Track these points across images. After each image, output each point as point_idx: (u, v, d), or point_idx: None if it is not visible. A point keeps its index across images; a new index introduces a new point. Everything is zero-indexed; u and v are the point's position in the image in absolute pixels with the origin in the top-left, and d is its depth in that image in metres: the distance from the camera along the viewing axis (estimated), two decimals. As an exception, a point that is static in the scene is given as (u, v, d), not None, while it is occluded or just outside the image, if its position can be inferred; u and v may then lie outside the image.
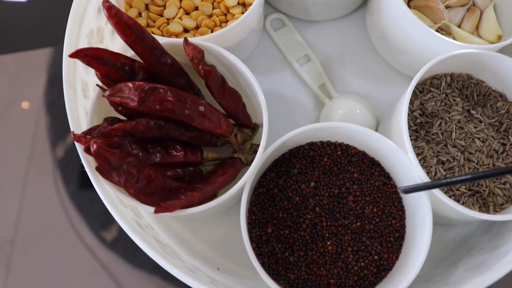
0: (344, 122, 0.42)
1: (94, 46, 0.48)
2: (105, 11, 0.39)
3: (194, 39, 0.43)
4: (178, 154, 0.42)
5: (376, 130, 0.50)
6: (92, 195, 0.57)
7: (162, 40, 0.42)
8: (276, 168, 0.44)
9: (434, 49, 0.46)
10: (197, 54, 0.41)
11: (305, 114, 0.51)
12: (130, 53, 0.42)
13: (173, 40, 0.43)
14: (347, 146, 0.45)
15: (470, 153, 0.45)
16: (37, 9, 0.64)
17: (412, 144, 0.44)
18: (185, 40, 0.42)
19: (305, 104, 0.51)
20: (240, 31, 0.46)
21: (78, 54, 0.39)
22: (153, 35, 0.42)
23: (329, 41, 0.53)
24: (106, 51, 0.40)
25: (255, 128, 0.47)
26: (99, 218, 0.55)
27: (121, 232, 0.54)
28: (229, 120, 0.44)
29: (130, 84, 0.40)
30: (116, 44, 0.51)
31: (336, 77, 0.52)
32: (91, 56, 0.40)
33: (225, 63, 0.43)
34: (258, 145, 0.47)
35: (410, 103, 0.45)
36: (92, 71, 0.47)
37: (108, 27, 0.50)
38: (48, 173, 0.59)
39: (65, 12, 0.46)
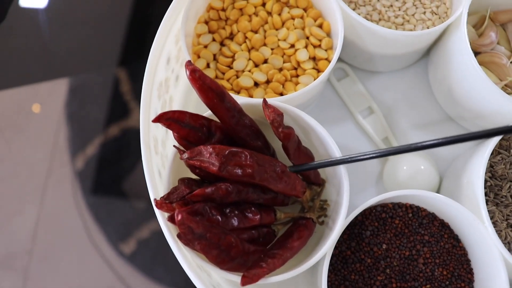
0: (415, 190, 0.42)
1: (162, 97, 0.47)
2: (188, 74, 0.39)
3: (272, 100, 0.42)
4: (255, 217, 0.42)
5: (440, 186, 0.50)
6: (110, 207, 0.56)
7: (240, 100, 0.42)
8: (348, 230, 0.44)
9: (501, 110, 0.46)
10: (277, 117, 0.41)
11: (369, 168, 0.51)
12: (206, 112, 0.42)
13: (252, 100, 0.42)
14: (418, 208, 0.45)
15: (539, 217, 0.45)
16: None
17: (484, 209, 0.44)
18: (264, 101, 0.41)
19: (369, 157, 0.51)
20: (313, 90, 0.46)
21: (161, 119, 0.39)
22: (232, 95, 0.41)
23: (391, 92, 0.53)
24: (186, 113, 0.40)
25: (323, 184, 0.47)
26: (117, 231, 0.55)
27: (139, 246, 0.54)
28: (301, 180, 0.44)
29: (210, 148, 0.39)
30: (178, 91, 0.50)
31: (398, 129, 0.52)
32: (172, 119, 0.40)
33: (302, 124, 0.43)
34: (326, 201, 0.47)
35: (481, 166, 0.46)
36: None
37: (173, 75, 0.49)
38: (67, 184, 0.59)
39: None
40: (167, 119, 0.39)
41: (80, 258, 0.55)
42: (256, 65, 0.47)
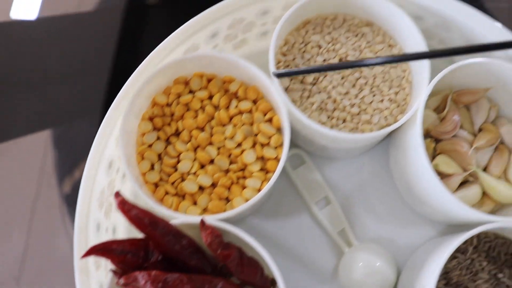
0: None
1: (105, 202, 0.45)
2: (117, 206, 0.37)
3: (212, 219, 0.41)
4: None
5: (397, 279, 0.48)
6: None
7: (177, 220, 0.41)
8: None
9: (455, 214, 0.44)
10: (215, 239, 0.40)
11: (324, 262, 0.49)
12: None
13: (190, 219, 0.41)
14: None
15: (496, 323, 0.44)
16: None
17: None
18: (202, 223, 0.40)
19: (324, 250, 0.50)
20: (266, 193, 0.44)
21: (91, 252, 0.38)
22: (170, 212, 0.41)
23: (350, 180, 0.51)
24: (116, 242, 0.39)
25: (272, 284, 0.46)
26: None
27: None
28: (247, 291, 0.43)
29: (145, 275, 0.38)
30: (127, 187, 0.49)
31: (357, 220, 0.50)
32: (103, 250, 0.39)
33: (243, 240, 0.41)
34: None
35: (435, 273, 0.44)
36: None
37: (119, 175, 0.47)
38: (55, 209, 0.58)
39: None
40: (98, 250, 0.38)
41: (69, 284, 0.55)
42: (203, 166, 0.45)
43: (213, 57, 0.45)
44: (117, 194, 0.38)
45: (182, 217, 0.41)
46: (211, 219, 0.41)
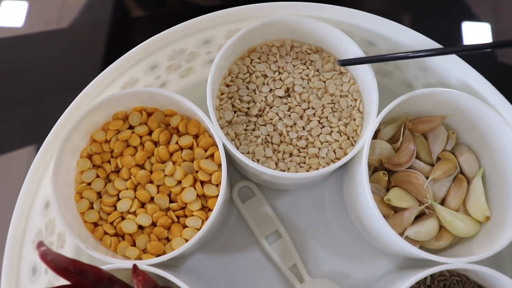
0: None
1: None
2: (40, 257, 0.36)
3: (146, 264, 0.40)
4: None
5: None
6: None
7: (109, 266, 0.39)
8: None
9: (407, 251, 0.42)
10: (147, 286, 0.38)
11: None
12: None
13: (122, 265, 0.40)
14: None
15: None
16: None
17: None
18: (134, 269, 0.39)
19: (275, 286, 0.48)
20: (205, 232, 0.42)
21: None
22: (103, 257, 0.40)
23: (303, 212, 0.50)
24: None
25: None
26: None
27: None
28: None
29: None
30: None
31: (309, 254, 0.49)
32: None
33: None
34: None
35: (383, 315, 0.42)
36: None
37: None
38: None
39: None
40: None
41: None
42: (143, 204, 0.44)
43: (150, 92, 0.44)
44: (40, 244, 0.36)
45: (115, 262, 0.40)
46: (144, 265, 0.40)
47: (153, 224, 0.44)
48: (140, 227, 0.44)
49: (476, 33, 0.64)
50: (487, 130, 0.45)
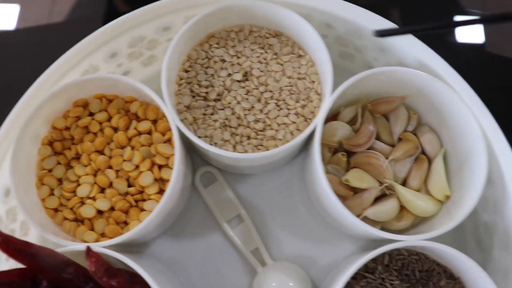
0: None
1: (5, 230, 0.45)
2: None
3: (100, 246, 0.40)
4: None
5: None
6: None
7: (64, 249, 0.40)
8: None
9: (365, 232, 0.42)
10: (100, 267, 0.39)
11: (237, 282, 0.48)
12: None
13: (76, 247, 0.40)
14: None
15: None
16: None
17: None
18: (87, 251, 0.39)
19: (238, 270, 0.49)
20: (161, 214, 0.43)
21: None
22: (59, 241, 0.41)
23: (265, 195, 0.50)
24: (2, 274, 0.39)
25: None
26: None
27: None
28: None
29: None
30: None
31: (272, 238, 0.49)
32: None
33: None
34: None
35: (341, 295, 0.42)
36: None
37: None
38: None
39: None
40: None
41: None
42: (103, 189, 0.45)
43: (108, 78, 0.44)
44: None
45: (70, 244, 0.41)
46: (98, 247, 0.40)
47: (112, 209, 0.44)
48: (100, 212, 0.45)
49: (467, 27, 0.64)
50: (445, 108, 0.45)
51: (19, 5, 0.68)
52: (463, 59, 0.62)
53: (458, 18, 0.40)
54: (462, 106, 0.43)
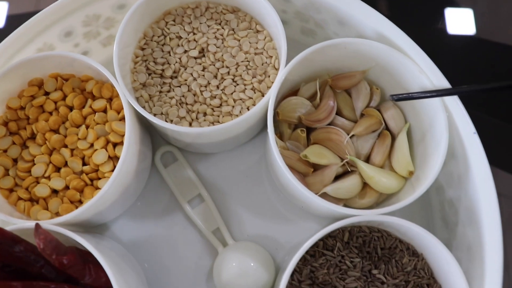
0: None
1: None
2: None
3: (50, 223, 0.40)
4: None
5: (276, 277, 0.46)
6: None
7: (13, 226, 0.40)
8: None
9: (324, 209, 0.41)
10: (48, 244, 0.38)
11: (199, 263, 0.48)
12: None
13: (25, 224, 0.40)
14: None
15: (369, 323, 0.41)
16: None
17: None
18: (36, 228, 0.39)
19: (199, 251, 0.48)
20: (114, 191, 0.42)
21: None
22: (10, 219, 0.41)
23: (226, 175, 0.50)
24: None
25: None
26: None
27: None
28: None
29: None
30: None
31: (233, 218, 0.48)
32: None
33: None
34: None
35: (298, 272, 0.42)
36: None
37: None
38: None
39: None
40: None
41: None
42: (59, 169, 0.44)
43: (63, 56, 0.44)
44: None
45: (18, 222, 0.40)
46: (47, 224, 0.40)
47: (67, 188, 0.44)
48: (55, 192, 0.44)
49: (459, 19, 0.63)
50: (406, 81, 0.44)
51: (7, 3, 0.68)
52: (455, 48, 0.61)
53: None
54: (421, 77, 0.42)
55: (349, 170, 0.46)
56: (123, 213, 0.49)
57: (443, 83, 0.42)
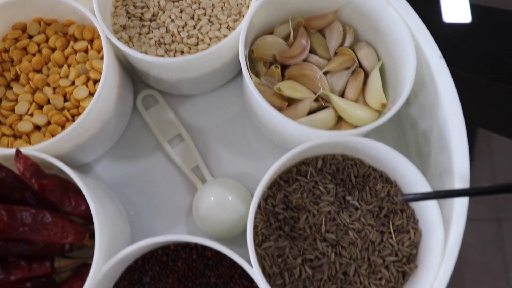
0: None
1: None
2: None
3: (29, 149, 0.41)
4: (22, 270, 0.41)
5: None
6: None
7: (-7, 152, 0.41)
8: (129, 276, 0.43)
9: (298, 135, 0.43)
10: (28, 168, 0.40)
11: (179, 200, 0.49)
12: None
13: (5, 151, 0.41)
14: (204, 248, 0.42)
15: (343, 247, 0.42)
16: None
17: (272, 245, 0.41)
18: (17, 153, 0.40)
19: (179, 189, 0.49)
20: (92, 125, 0.44)
21: None
22: None
23: (206, 116, 0.51)
24: None
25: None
26: None
27: None
28: (79, 225, 0.42)
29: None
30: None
31: (213, 156, 0.50)
32: None
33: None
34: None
35: (272, 197, 0.43)
36: None
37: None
38: None
39: None
40: None
41: None
42: (41, 107, 0.46)
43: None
44: None
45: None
46: (28, 150, 0.41)
47: (49, 124, 0.46)
48: (38, 128, 0.46)
49: (455, 8, 0.65)
50: (374, 15, 0.46)
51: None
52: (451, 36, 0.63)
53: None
54: (388, 8, 0.44)
55: (324, 105, 0.47)
56: (106, 154, 0.50)
57: (411, 13, 0.44)
